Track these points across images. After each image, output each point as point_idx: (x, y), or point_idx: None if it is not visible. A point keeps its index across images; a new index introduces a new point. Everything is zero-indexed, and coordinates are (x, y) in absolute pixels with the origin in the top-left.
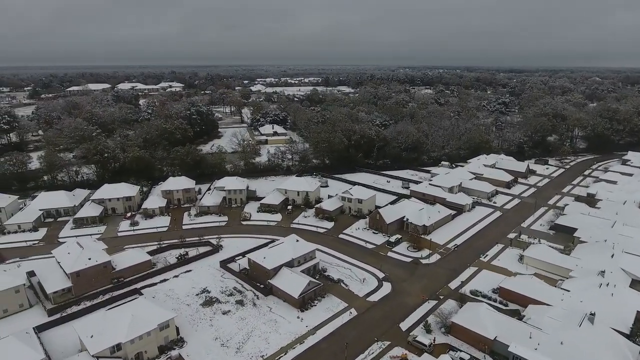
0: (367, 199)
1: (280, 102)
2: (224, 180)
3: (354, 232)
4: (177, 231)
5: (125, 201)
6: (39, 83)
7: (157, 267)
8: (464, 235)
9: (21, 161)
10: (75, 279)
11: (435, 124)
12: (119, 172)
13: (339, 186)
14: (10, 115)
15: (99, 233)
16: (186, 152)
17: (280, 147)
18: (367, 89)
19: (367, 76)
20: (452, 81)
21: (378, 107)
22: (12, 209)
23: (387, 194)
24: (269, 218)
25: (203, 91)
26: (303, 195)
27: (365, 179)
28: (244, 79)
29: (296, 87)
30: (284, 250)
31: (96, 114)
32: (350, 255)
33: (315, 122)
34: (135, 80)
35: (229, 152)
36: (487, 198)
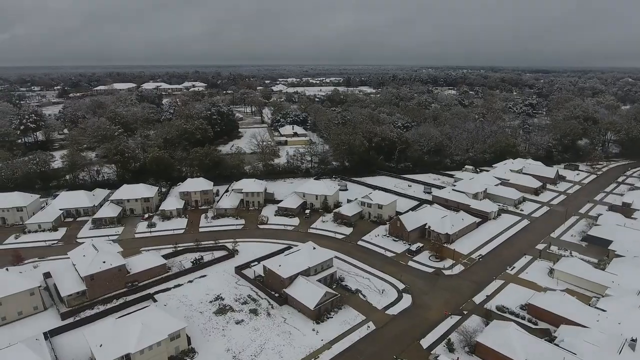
0: (387, 204)
1: (301, 102)
2: (241, 182)
3: (373, 239)
4: (194, 234)
5: (143, 202)
6: (68, 82)
7: (172, 271)
8: (489, 245)
9: (44, 160)
10: (90, 282)
11: (459, 126)
12: (138, 172)
13: (359, 190)
14: (37, 114)
15: (116, 234)
16: (205, 153)
17: (299, 148)
18: (389, 90)
19: (389, 76)
20: (476, 82)
21: (400, 108)
22: (33, 208)
23: (408, 199)
24: (286, 222)
25: (225, 91)
26: (321, 199)
27: (386, 182)
28: (266, 79)
29: (317, 87)
30: (300, 258)
31: (119, 113)
32: (369, 263)
33: (335, 124)
34: (160, 80)
35: (248, 153)
36: (513, 205)
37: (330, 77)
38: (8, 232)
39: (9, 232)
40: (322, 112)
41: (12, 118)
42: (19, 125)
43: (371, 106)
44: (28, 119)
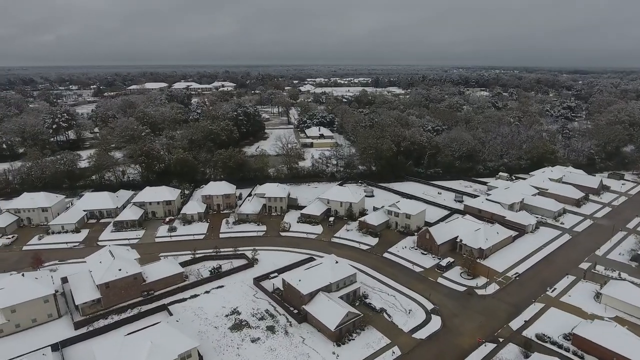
0: (416, 214)
1: (328, 103)
2: (264, 186)
3: (400, 251)
4: (214, 240)
5: (165, 205)
6: (103, 82)
7: (189, 280)
8: (526, 262)
9: (71, 160)
10: (105, 290)
11: (492, 130)
12: (163, 174)
13: (386, 196)
14: (69, 113)
15: (137, 238)
16: (229, 156)
17: (325, 151)
18: (418, 91)
19: (419, 77)
20: (510, 83)
21: (430, 110)
22: (58, 209)
23: (437, 208)
24: (309, 230)
25: (253, 91)
26: (346, 206)
27: (414, 189)
28: (294, 79)
29: (345, 87)
30: (321, 273)
31: (148, 113)
32: (395, 279)
33: (363, 126)
34: (191, 80)
35: (273, 155)
36: (553, 218)
37: (358, 77)
38: (33, 233)
39: (34, 232)
40: (349, 113)
41: (46, 117)
42: (51, 124)
43: (400, 108)
44: (60, 118)
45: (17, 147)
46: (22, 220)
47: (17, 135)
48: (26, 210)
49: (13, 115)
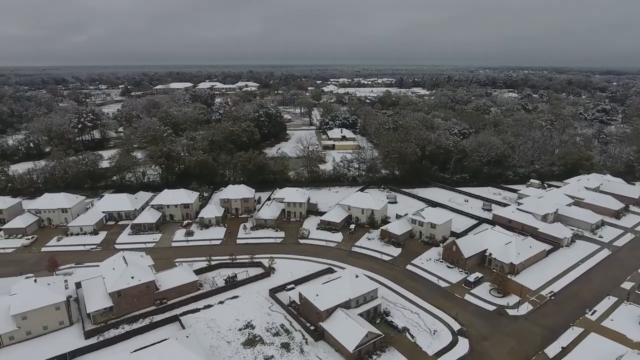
0: (441, 224)
1: (351, 104)
2: (284, 191)
3: (424, 263)
4: (230, 246)
5: (183, 208)
6: (131, 81)
7: (203, 288)
8: (562, 280)
9: (92, 160)
10: (117, 298)
11: (523, 134)
12: (182, 175)
13: (409, 203)
14: (94, 113)
15: (153, 241)
16: (248, 158)
17: (347, 153)
18: (443, 92)
19: (444, 77)
20: (539, 84)
21: (456, 112)
22: (78, 210)
23: (464, 217)
24: (328, 237)
25: (276, 91)
26: (368, 213)
27: (439, 195)
28: (317, 79)
29: (369, 87)
30: (340, 288)
31: (170, 113)
32: (419, 294)
33: (386, 128)
34: (215, 80)
35: (294, 157)
36: (590, 230)
37: (382, 78)
38: (52, 234)
39: (53, 233)
40: (372, 115)
41: (72, 117)
42: (77, 123)
43: (424, 109)
44: (85, 118)
45: (44, 146)
46: (43, 220)
47: (44, 135)
48: (47, 211)
49: (42, 115)
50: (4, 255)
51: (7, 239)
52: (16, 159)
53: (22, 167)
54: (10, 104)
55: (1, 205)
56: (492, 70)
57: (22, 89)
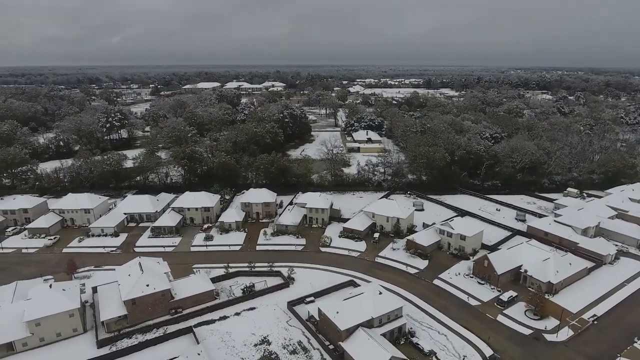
0: (472, 235)
1: (377, 105)
2: (306, 196)
3: (453, 278)
4: (250, 252)
5: (203, 212)
6: (161, 81)
7: (219, 298)
8: (606, 302)
9: (116, 161)
10: (131, 306)
11: (559, 139)
12: (205, 177)
13: (437, 210)
14: (122, 113)
15: (173, 245)
16: (271, 161)
17: (372, 156)
18: (474, 94)
19: (474, 78)
20: (575, 85)
21: (487, 115)
22: (100, 210)
23: (496, 227)
24: (351, 246)
25: (302, 91)
26: (393, 221)
27: (469, 203)
28: (344, 80)
29: (395, 88)
30: (362, 305)
31: (196, 113)
32: (447, 313)
33: (413, 131)
34: (243, 80)
35: (317, 159)
36: (636, 247)
37: (409, 78)
38: (74, 234)
39: (76, 234)
40: (399, 117)
41: (100, 116)
42: (105, 123)
43: (454, 112)
44: (114, 118)
45: (73, 145)
46: (66, 220)
47: (73, 134)
48: (70, 211)
49: (73, 114)
50: (26, 255)
51: (31, 239)
52: (46, 157)
53: (52, 166)
54: (45, 102)
55: (27, 204)
56: (524, 71)
57: (57, 88)
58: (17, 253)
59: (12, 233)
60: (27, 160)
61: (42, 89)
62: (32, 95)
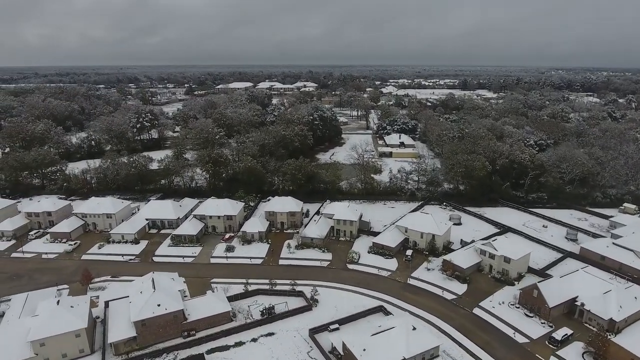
0: (517, 259)
1: (410, 107)
2: (333, 206)
3: (495, 307)
4: (272, 267)
5: (226, 220)
6: (196, 81)
7: (236, 320)
8: None
9: (141, 163)
10: (141, 327)
11: (613, 147)
12: (230, 181)
13: (475, 225)
14: (153, 113)
15: (192, 255)
16: (298, 167)
17: (405, 162)
18: (514, 96)
19: (513, 79)
20: (623, 87)
21: (529, 119)
22: (122, 215)
23: (543, 247)
24: (381, 264)
25: (334, 92)
26: (428, 238)
27: (511, 217)
28: (376, 80)
29: (430, 89)
30: (394, 343)
31: (225, 114)
32: (490, 350)
33: (450, 137)
34: (275, 80)
35: (347, 164)
36: None
37: (444, 79)
38: (95, 240)
39: (97, 239)
40: (434, 120)
41: (132, 116)
42: (135, 123)
43: (492, 114)
44: (144, 118)
45: (104, 145)
46: (88, 225)
47: (104, 134)
48: (92, 216)
49: (108, 113)
50: (46, 261)
51: (52, 243)
52: (78, 156)
53: (82, 166)
54: (82, 102)
55: (51, 207)
56: (566, 72)
57: (94, 88)
58: (37, 258)
59: (34, 236)
60: (56, 160)
61: (80, 88)
62: (71, 95)
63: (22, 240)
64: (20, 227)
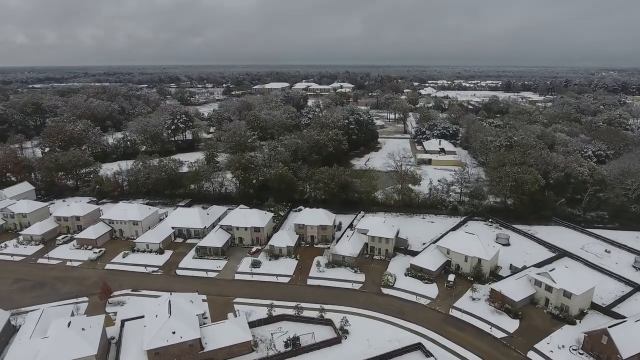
0: (580, 294)
1: (451, 110)
2: (368, 220)
3: (554, 352)
4: (299, 287)
5: (253, 232)
6: (234, 81)
7: (257, 351)
8: None
9: (171, 168)
10: (153, 357)
11: None
12: (260, 188)
13: (525, 246)
14: (187, 115)
15: (216, 270)
16: (331, 176)
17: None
18: (565, 99)
19: (561, 81)
20: None
21: (583, 126)
22: (149, 223)
23: (607, 277)
24: (419, 289)
25: (370, 93)
26: (473, 262)
27: (567, 239)
28: (414, 81)
29: (470, 91)
30: None
31: (259, 117)
32: None
33: (496, 146)
34: (312, 80)
35: (383, 171)
36: None
37: (485, 80)
38: (120, 248)
39: (122, 247)
40: (477, 125)
41: (167, 118)
42: (170, 124)
43: (540, 119)
44: (179, 120)
45: (140, 146)
46: (115, 231)
47: (140, 134)
48: (119, 222)
49: (146, 114)
50: (70, 269)
51: (78, 250)
52: (114, 157)
53: (117, 167)
54: (122, 102)
55: (79, 211)
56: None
57: (135, 87)
58: (61, 265)
59: (62, 241)
60: (90, 162)
61: (122, 88)
62: (112, 94)
63: (50, 245)
64: (49, 231)
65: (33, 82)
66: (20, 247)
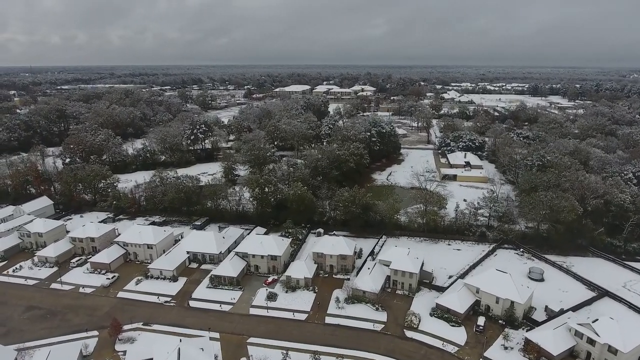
0: (627, 351)
1: (477, 118)
2: (391, 252)
3: None
4: (317, 325)
5: (270, 260)
6: (255, 82)
7: None
8: None
9: (189, 187)
10: None
11: None
12: (278, 207)
13: (561, 282)
14: (207, 124)
15: (231, 302)
16: (352, 197)
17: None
18: (597, 108)
19: (591, 85)
20: None
21: (620, 140)
22: (164, 246)
23: None
24: (446, 333)
25: (392, 97)
26: (506, 304)
27: (607, 273)
28: (437, 83)
29: (495, 94)
30: None
31: (278, 127)
32: None
33: (528, 164)
34: (333, 82)
35: (406, 187)
36: None
37: (511, 83)
38: (134, 273)
39: (136, 272)
40: (506, 138)
41: (186, 128)
42: (190, 134)
43: (572, 131)
44: (198, 130)
45: (158, 155)
46: (129, 254)
47: (159, 145)
48: (133, 245)
49: (167, 121)
50: (82, 296)
51: (92, 274)
52: (134, 168)
53: (136, 177)
54: (144, 108)
55: (94, 232)
56: None
57: (157, 93)
58: (74, 292)
59: (76, 264)
60: (108, 175)
61: (144, 93)
62: (135, 100)
63: (64, 268)
64: (63, 252)
65: (61, 84)
66: (35, 269)
